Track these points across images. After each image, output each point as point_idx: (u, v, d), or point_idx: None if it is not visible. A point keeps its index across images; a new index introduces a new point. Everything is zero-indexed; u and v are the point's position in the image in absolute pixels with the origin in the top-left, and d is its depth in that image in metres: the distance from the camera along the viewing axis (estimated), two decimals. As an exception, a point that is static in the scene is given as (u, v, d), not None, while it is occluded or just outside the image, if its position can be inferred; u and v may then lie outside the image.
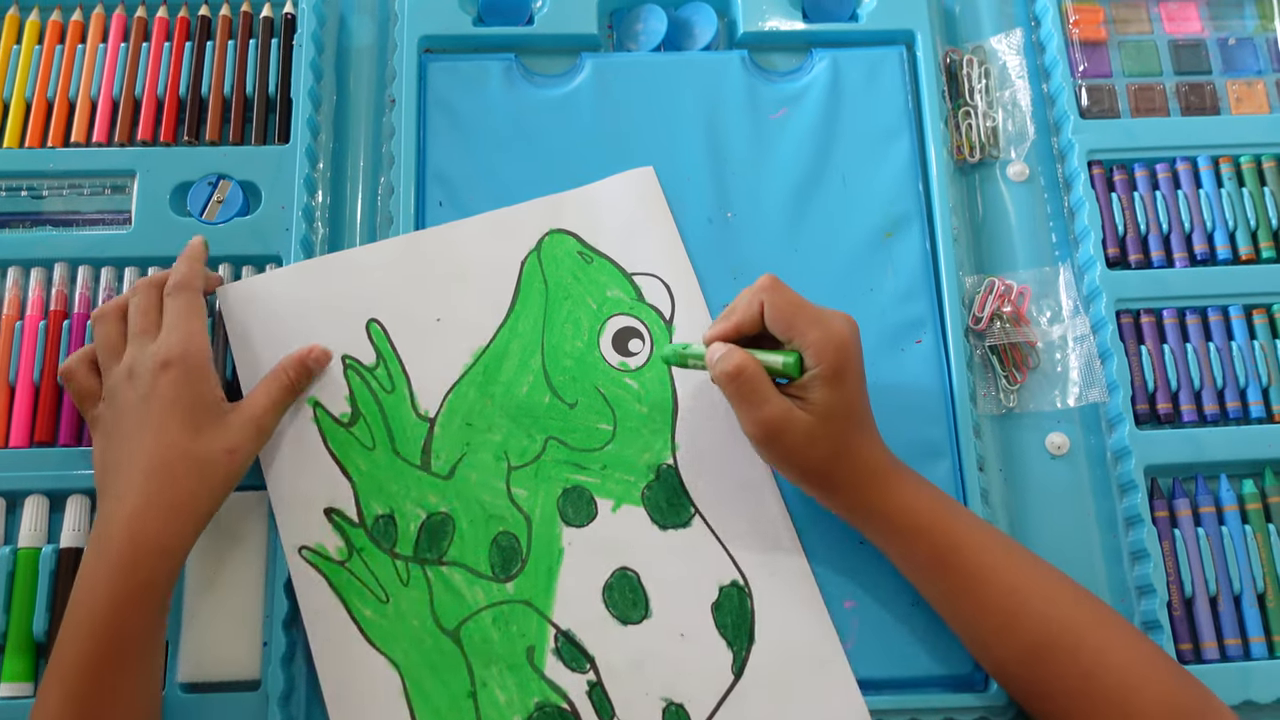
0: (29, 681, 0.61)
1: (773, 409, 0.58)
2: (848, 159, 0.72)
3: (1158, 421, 0.69)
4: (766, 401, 0.58)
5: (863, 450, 0.60)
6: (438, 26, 0.74)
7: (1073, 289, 0.71)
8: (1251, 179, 0.73)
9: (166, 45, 0.74)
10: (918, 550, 0.60)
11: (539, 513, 0.64)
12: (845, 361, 0.58)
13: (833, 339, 0.58)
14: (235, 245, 0.69)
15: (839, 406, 0.58)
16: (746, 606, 0.63)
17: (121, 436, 0.59)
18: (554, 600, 0.62)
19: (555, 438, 0.65)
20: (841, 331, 0.59)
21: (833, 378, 0.58)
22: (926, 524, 0.59)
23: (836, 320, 0.59)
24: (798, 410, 0.58)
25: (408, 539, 0.63)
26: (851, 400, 0.59)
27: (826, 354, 0.58)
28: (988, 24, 0.78)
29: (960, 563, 0.59)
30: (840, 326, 0.59)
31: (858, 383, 0.60)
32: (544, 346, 0.67)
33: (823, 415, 0.58)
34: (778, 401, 0.58)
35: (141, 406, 0.59)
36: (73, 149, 0.71)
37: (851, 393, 0.59)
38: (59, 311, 0.68)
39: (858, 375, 0.59)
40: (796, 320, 0.59)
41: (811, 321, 0.58)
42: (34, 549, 0.63)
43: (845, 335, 0.59)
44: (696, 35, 0.76)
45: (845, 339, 0.59)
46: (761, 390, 0.58)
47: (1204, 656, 0.65)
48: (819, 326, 0.58)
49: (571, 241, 0.69)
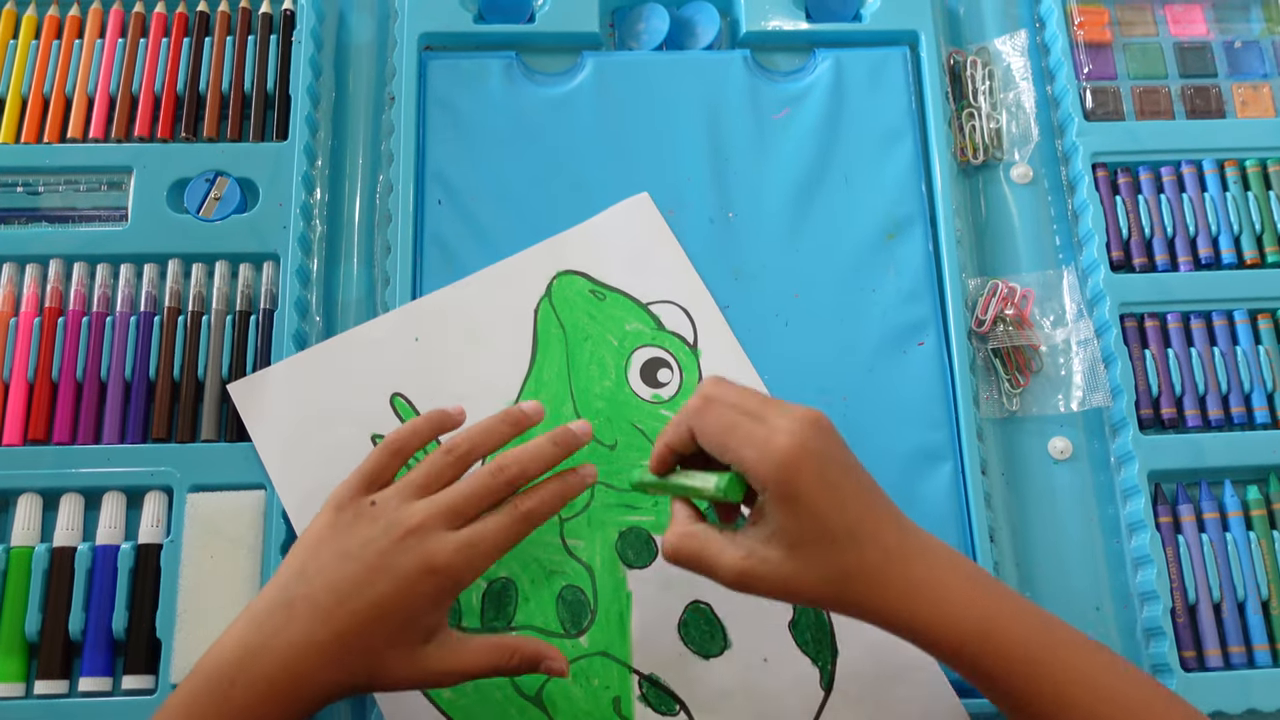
0: (21, 681, 0.61)
1: (729, 563, 0.51)
2: (850, 160, 0.72)
3: (1161, 426, 0.69)
4: (720, 561, 0.51)
5: (864, 568, 0.50)
6: (438, 24, 0.73)
7: (1076, 292, 0.71)
8: (1257, 182, 0.73)
9: (164, 41, 0.74)
10: (964, 669, 0.51)
11: (599, 560, 0.62)
12: (793, 477, 0.49)
13: (771, 456, 0.49)
14: (233, 243, 0.68)
15: (808, 529, 0.50)
16: (824, 619, 0.62)
17: (355, 559, 0.54)
18: (631, 646, 0.61)
19: (601, 482, 0.64)
20: (782, 446, 0.49)
21: (784, 501, 0.49)
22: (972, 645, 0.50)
23: (779, 431, 0.50)
24: (761, 548, 0.50)
25: (473, 611, 0.62)
26: (823, 517, 0.49)
27: (767, 476, 0.49)
28: (992, 25, 0.77)
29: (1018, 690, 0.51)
30: (781, 440, 0.49)
31: (824, 494, 0.50)
32: (573, 392, 0.66)
33: (791, 543, 0.50)
34: (731, 554, 0.51)
35: (391, 575, 0.53)
36: (69, 145, 0.71)
37: (819, 508, 0.49)
38: (54, 308, 0.67)
39: (821, 486, 0.50)
40: (729, 442, 0.51)
41: (744, 441, 0.50)
42: (27, 548, 0.63)
43: (786, 449, 0.49)
44: (699, 34, 0.76)
45: (787, 453, 0.49)
46: (709, 554, 0.51)
47: (1207, 664, 0.64)
48: (753, 445, 0.50)
49: (581, 281, 0.68)
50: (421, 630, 0.54)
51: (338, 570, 0.53)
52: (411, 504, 0.55)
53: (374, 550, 0.53)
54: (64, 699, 0.61)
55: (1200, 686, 0.62)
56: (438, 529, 0.54)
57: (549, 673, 0.56)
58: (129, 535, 0.64)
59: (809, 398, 0.66)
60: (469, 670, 0.55)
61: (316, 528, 0.56)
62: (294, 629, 0.52)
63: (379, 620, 0.52)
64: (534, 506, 0.56)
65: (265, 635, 0.52)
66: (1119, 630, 0.65)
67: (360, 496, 0.56)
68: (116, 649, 0.62)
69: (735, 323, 0.68)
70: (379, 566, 0.53)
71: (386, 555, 0.53)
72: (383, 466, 0.58)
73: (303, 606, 0.53)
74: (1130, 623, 0.65)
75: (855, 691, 0.61)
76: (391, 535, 0.54)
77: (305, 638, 0.52)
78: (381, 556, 0.53)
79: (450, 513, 0.55)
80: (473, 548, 0.54)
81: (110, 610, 0.62)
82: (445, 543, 0.54)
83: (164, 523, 0.63)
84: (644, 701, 0.60)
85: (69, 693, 0.61)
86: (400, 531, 0.54)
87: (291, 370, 0.65)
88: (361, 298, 0.70)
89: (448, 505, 0.55)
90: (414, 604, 0.53)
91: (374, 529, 0.54)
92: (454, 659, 0.54)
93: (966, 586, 0.51)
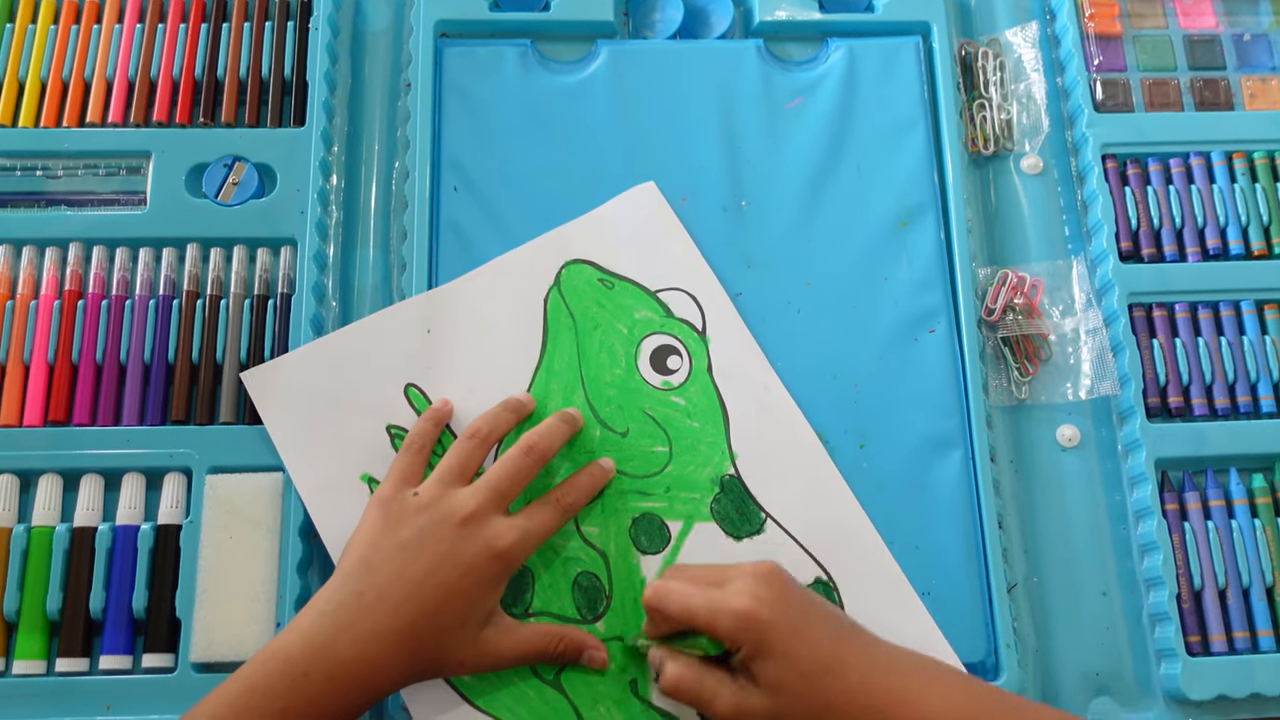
0: (42, 659, 0.62)
1: (724, 703, 0.54)
2: (863, 149, 0.72)
3: (1169, 415, 0.70)
4: (716, 697, 0.55)
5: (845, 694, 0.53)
6: (454, 11, 0.74)
7: (1085, 282, 0.71)
8: (1265, 174, 0.73)
9: (183, 26, 0.74)
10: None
11: (613, 547, 0.63)
12: (759, 633, 0.53)
13: (733, 619, 0.53)
14: (250, 227, 0.69)
15: (785, 674, 0.53)
16: (836, 602, 0.63)
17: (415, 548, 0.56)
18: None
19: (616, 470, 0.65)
20: (740, 607, 0.53)
21: (756, 654, 0.53)
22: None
23: (733, 595, 0.54)
24: (752, 689, 0.54)
25: None
26: (795, 660, 0.53)
27: (735, 637, 0.54)
28: (1003, 16, 0.78)
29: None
30: (738, 602, 0.54)
31: (792, 640, 0.53)
32: (584, 381, 0.66)
33: (773, 688, 0.53)
34: (727, 693, 0.54)
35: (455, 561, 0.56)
36: (88, 129, 0.71)
37: (791, 653, 0.53)
38: (73, 291, 0.68)
39: (787, 634, 0.53)
40: (695, 619, 0.55)
41: (706, 612, 0.54)
42: (48, 528, 0.63)
43: (745, 608, 0.53)
44: (712, 24, 0.76)
45: (747, 612, 0.53)
46: (706, 690, 0.55)
47: (1212, 649, 0.65)
48: (715, 613, 0.54)
49: (589, 270, 0.69)
50: (483, 613, 0.57)
51: (400, 560, 0.56)
52: (457, 491, 0.58)
53: (434, 538, 0.56)
54: (85, 676, 0.61)
55: (1205, 671, 0.63)
56: (491, 513, 0.58)
57: (590, 663, 0.60)
58: (149, 516, 0.64)
59: (821, 384, 0.67)
60: (523, 653, 0.58)
61: (368, 523, 0.58)
62: (368, 620, 0.54)
63: (446, 605, 0.55)
64: (573, 500, 0.61)
65: (339, 627, 0.54)
66: (1125, 615, 0.66)
67: (402, 490, 0.59)
68: (136, 628, 0.63)
69: (747, 311, 0.68)
70: (442, 553, 0.56)
71: (448, 542, 0.56)
72: (411, 464, 0.61)
73: (372, 597, 0.55)
74: (1136, 608, 0.66)
75: None
76: (450, 523, 0.57)
77: (379, 627, 0.54)
78: (443, 544, 0.56)
79: (497, 496, 0.58)
80: (527, 534, 0.58)
81: (130, 589, 0.62)
82: (504, 527, 0.58)
83: (183, 504, 0.64)
84: None
85: (89, 670, 0.62)
86: (457, 519, 0.57)
87: (303, 359, 0.66)
88: (378, 283, 0.71)
89: (494, 489, 0.58)
90: (478, 587, 0.56)
91: (427, 518, 0.57)
92: (509, 641, 0.58)
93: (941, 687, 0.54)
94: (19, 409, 0.66)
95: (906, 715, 0.53)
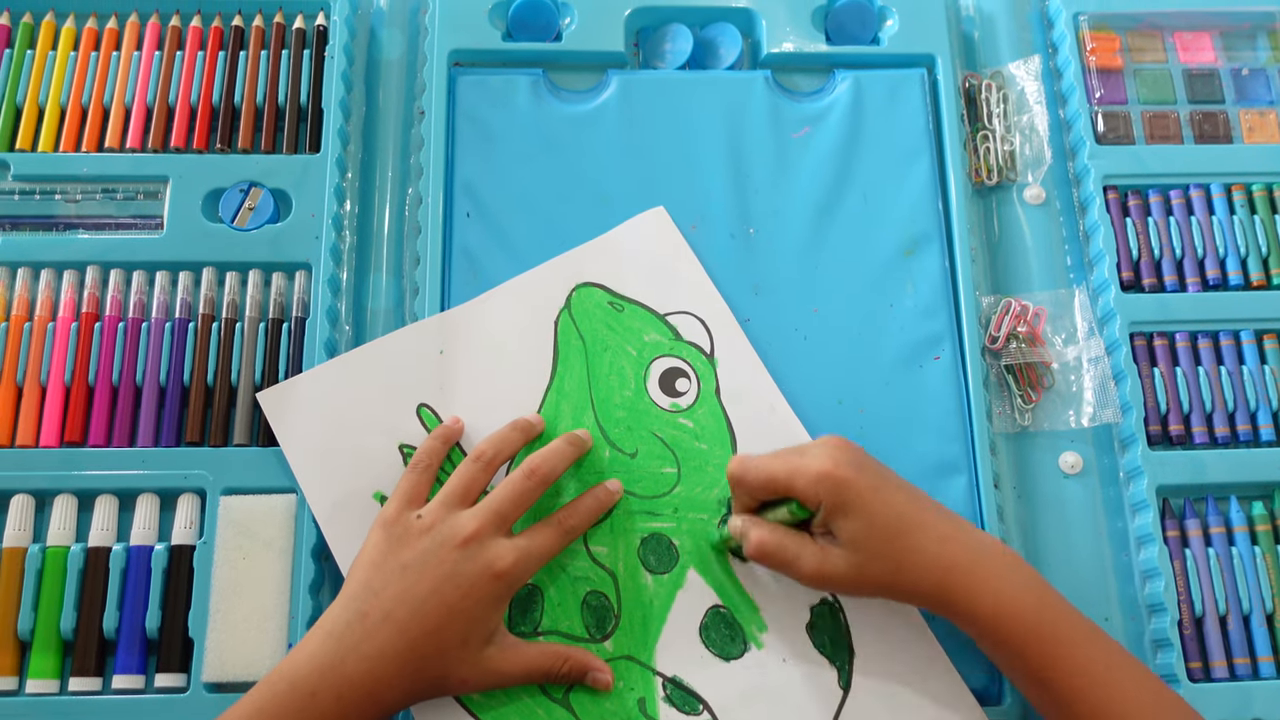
0: (56, 679, 0.62)
1: (807, 562, 0.58)
2: (868, 178, 0.73)
3: (1170, 443, 0.70)
4: (799, 557, 0.58)
5: (922, 556, 0.57)
6: (467, 41, 0.75)
7: (1087, 311, 0.72)
8: (1263, 206, 0.75)
9: (200, 54, 0.75)
10: (1003, 658, 0.58)
11: (622, 567, 0.64)
12: (839, 490, 0.57)
13: (812, 477, 0.57)
14: (265, 252, 0.70)
15: (865, 530, 0.57)
16: (840, 621, 0.64)
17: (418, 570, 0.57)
18: (655, 650, 0.63)
19: (624, 490, 0.65)
20: (819, 466, 0.57)
21: (836, 510, 0.57)
22: (1010, 631, 0.57)
23: (813, 457, 0.58)
24: (832, 549, 0.58)
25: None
26: (876, 518, 0.57)
27: (817, 494, 0.57)
28: (1006, 50, 0.79)
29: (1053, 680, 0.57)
30: (817, 463, 0.57)
31: (870, 495, 0.57)
32: (594, 402, 0.67)
33: (854, 544, 0.57)
34: (810, 553, 0.58)
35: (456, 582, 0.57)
36: (107, 154, 0.73)
37: (869, 508, 0.57)
38: (90, 314, 0.69)
39: (865, 489, 0.57)
40: (776, 482, 0.58)
41: (788, 476, 0.58)
42: (62, 548, 0.64)
43: (824, 467, 0.57)
44: (721, 55, 0.77)
45: (826, 470, 0.57)
46: (789, 550, 0.58)
47: (1213, 675, 0.66)
48: (796, 475, 0.58)
49: (600, 293, 0.70)
50: (485, 632, 0.58)
51: (402, 582, 0.57)
52: (459, 514, 0.59)
53: (435, 560, 0.57)
54: (97, 696, 0.62)
55: (1206, 697, 0.64)
56: (492, 535, 0.59)
57: (594, 684, 0.60)
58: (162, 537, 0.65)
59: (827, 410, 0.68)
60: (526, 672, 0.59)
61: (371, 546, 0.59)
62: (373, 641, 0.56)
63: (448, 624, 0.57)
64: (576, 523, 0.62)
65: (345, 648, 0.55)
66: (1127, 641, 0.67)
67: (405, 512, 0.60)
68: (149, 648, 0.63)
69: (755, 337, 0.69)
70: (444, 575, 0.57)
71: (449, 563, 0.57)
72: (416, 484, 0.62)
73: (377, 618, 0.56)
74: (1138, 634, 0.67)
75: (873, 689, 0.62)
76: (451, 544, 0.58)
77: (384, 648, 0.55)
78: (444, 565, 0.57)
79: (498, 518, 0.59)
80: (528, 555, 0.59)
81: (144, 610, 0.63)
82: (504, 549, 0.59)
83: (197, 525, 0.65)
84: (669, 703, 0.62)
85: (102, 690, 0.62)
86: (458, 540, 0.58)
87: (318, 380, 0.67)
88: (391, 307, 0.72)
89: (495, 511, 0.59)
90: (478, 606, 0.57)
91: (430, 541, 0.58)
92: (513, 660, 0.59)
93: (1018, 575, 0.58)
94: (35, 430, 0.66)
95: (976, 596, 0.57)
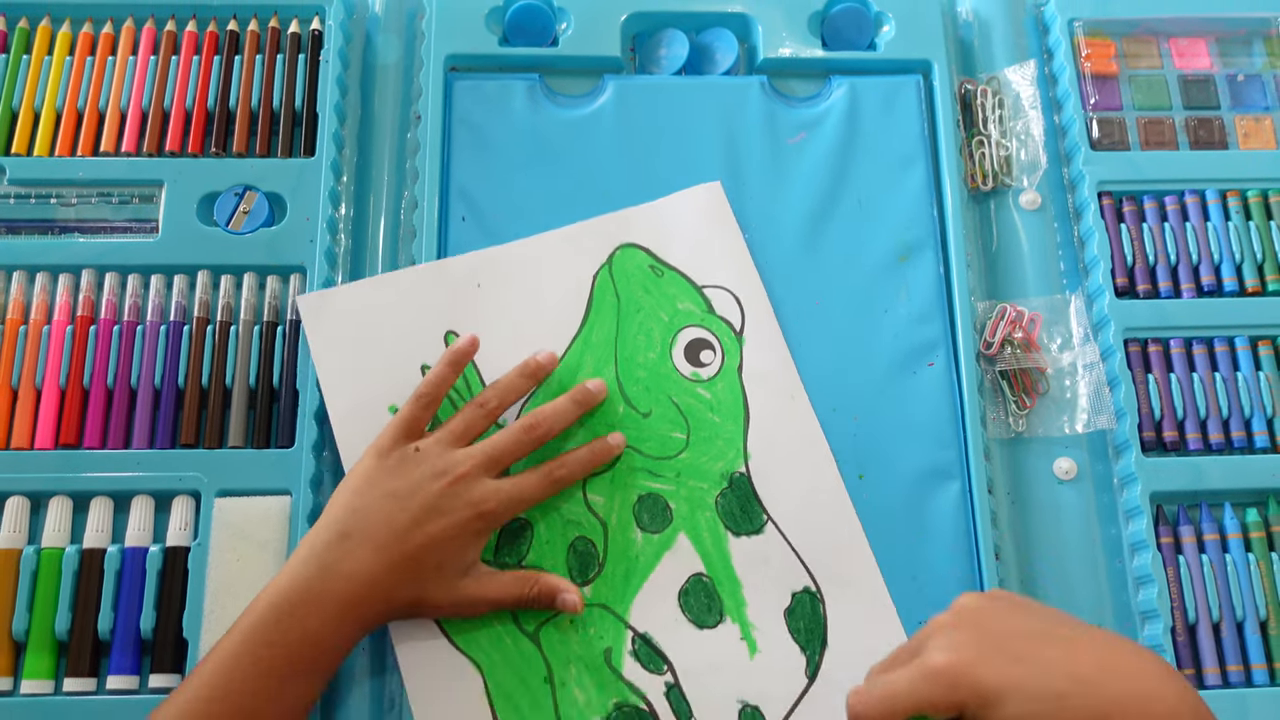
0: (50, 679, 0.62)
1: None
2: (864, 184, 0.74)
3: (1163, 449, 0.70)
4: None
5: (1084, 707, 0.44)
6: (464, 46, 0.75)
7: (1082, 317, 0.72)
8: (1258, 213, 0.75)
9: (195, 59, 0.75)
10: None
11: (615, 519, 0.65)
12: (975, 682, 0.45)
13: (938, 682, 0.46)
14: (260, 255, 0.70)
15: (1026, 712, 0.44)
16: (819, 612, 0.64)
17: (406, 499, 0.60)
18: (631, 604, 0.64)
19: (630, 446, 0.67)
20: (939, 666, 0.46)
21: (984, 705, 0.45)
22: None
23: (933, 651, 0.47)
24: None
25: (488, 544, 0.64)
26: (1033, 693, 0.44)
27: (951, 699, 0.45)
28: (1002, 56, 0.79)
29: None
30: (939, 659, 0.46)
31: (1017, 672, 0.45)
32: (617, 358, 0.68)
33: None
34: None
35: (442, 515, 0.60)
36: (102, 158, 0.73)
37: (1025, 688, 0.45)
38: (86, 317, 0.69)
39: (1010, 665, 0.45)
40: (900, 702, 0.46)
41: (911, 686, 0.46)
42: (57, 549, 0.64)
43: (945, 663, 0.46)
44: (717, 60, 0.78)
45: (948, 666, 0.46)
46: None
47: (1206, 682, 0.66)
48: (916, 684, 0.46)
49: (643, 255, 0.71)
50: (462, 565, 0.61)
51: (389, 508, 0.60)
52: (454, 452, 0.62)
53: (425, 492, 0.60)
54: (92, 696, 0.62)
55: (1199, 703, 0.64)
56: (481, 476, 0.62)
57: (563, 606, 0.62)
58: (157, 538, 0.65)
59: (822, 417, 0.68)
60: (497, 599, 0.62)
61: (361, 471, 0.62)
62: (354, 559, 0.58)
63: (429, 554, 0.60)
64: (565, 474, 0.64)
65: (327, 564, 0.58)
66: (1120, 647, 0.67)
67: (401, 443, 0.62)
68: (144, 648, 0.63)
69: (749, 341, 0.70)
70: (429, 507, 0.60)
71: (438, 497, 0.60)
72: (416, 417, 0.64)
73: (359, 539, 0.59)
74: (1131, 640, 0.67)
75: (838, 683, 0.63)
76: (442, 480, 0.61)
77: (365, 566, 0.59)
78: (433, 498, 0.60)
79: (489, 462, 0.62)
80: (511, 500, 0.62)
81: (138, 611, 0.63)
82: (489, 489, 0.62)
83: (191, 526, 0.65)
84: (634, 657, 0.63)
85: (97, 690, 0.63)
86: (450, 478, 0.61)
87: (356, 294, 0.69)
88: (386, 311, 0.72)
89: (487, 455, 0.62)
90: (460, 541, 0.61)
91: (421, 473, 0.61)
92: (485, 588, 0.62)
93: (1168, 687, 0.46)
94: (30, 432, 0.67)
95: None
